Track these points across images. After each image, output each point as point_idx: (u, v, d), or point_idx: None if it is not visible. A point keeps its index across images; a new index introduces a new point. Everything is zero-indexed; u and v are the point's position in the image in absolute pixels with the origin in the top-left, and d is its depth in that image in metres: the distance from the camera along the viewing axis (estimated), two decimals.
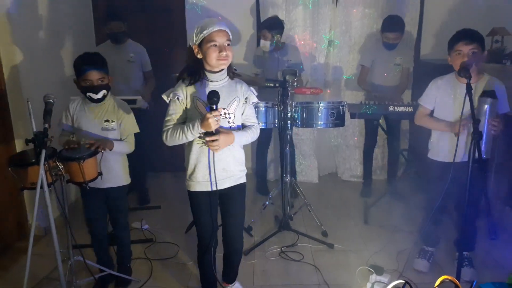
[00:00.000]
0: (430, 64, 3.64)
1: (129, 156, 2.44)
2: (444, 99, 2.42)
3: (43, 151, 1.81)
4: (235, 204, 2.10)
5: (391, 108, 3.09)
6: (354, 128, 4.22)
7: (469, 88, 2.02)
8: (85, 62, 2.20)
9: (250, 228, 3.15)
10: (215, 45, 1.85)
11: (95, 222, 2.42)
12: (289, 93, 2.83)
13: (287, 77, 2.83)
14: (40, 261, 2.64)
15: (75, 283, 2.22)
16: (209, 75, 1.95)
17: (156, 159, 4.14)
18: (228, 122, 1.96)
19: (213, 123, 1.80)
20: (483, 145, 2.11)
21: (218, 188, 1.98)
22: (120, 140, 2.34)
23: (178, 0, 4.04)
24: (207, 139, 1.84)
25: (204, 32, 1.85)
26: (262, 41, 3.47)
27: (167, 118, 1.99)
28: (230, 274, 2.33)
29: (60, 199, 2.08)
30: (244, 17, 4.07)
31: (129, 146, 2.37)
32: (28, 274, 1.84)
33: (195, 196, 2.07)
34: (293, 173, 3.77)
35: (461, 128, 2.18)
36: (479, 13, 3.77)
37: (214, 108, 1.81)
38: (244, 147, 2.10)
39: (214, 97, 1.80)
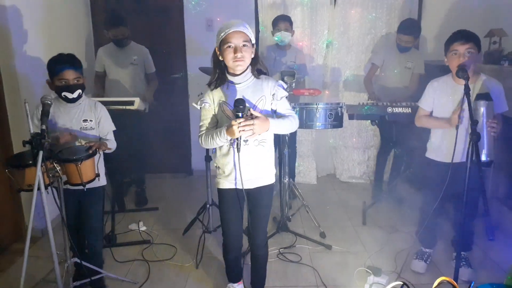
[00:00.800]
0: (429, 66, 3.64)
1: (128, 157, 2.43)
2: (442, 101, 2.43)
3: (40, 153, 1.80)
4: (261, 204, 2.11)
5: (389, 109, 3.09)
6: (353, 129, 4.23)
7: (467, 90, 2.03)
8: (61, 62, 2.18)
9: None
10: (230, 46, 1.86)
11: (76, 220, 2.34)
12: (288, 94, 2.82)
13: (285, 78, 2.84)
14: (37, 263, 2.63)
15: (72, 285, 2.21)
16: (232, 78, 1.95)
17: (154, 161, 4.13)
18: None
19: (237, 131, 1.80)
20: (485, 148, 2.12)
21: (245, 188, 1.98)
22: (105, 139, 2.34)
23: (176, 0, 4.04)
24: (242, 124, 1.80)
25: (222, 34, 1.87)
26: (280, 33, 3.41)
27: (200, 123, 2.03)
28: (257, 280, 2.33)
29: (57, 200, 2.07)
30: (242, 19, 4.04)
31: (113, 144, 2.38)
32: (25, 276, 1.83)
33: (221, 194, 2.09)
34: (292, 175, 3.77)
35: (459, 120, 2.18)
36: (476, 15, 3.78)
37: (240, 116, 1.81)
38: None
39: (240, 105, 1.81)
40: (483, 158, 2.11)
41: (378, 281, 2.43)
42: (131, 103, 2.87)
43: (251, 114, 1.87)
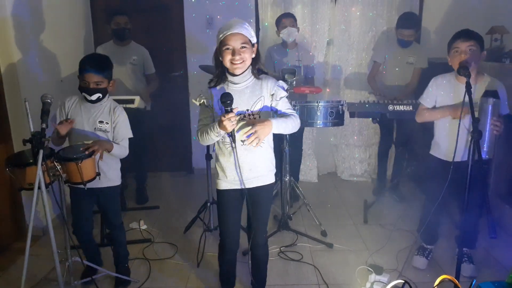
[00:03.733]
0: (429, 63, 3.63)
1: (129, 156, 2.43)
2: (444, 98, 2.42)
3: (41, 151, 1.80)
4: (260, 204, 2.09)
5: (390, 107, 3.08)
6: (354, 127, 4.22)
7: (468, 87, 2.02)
8: (86, 63, 2.21)
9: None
10: (228, 49, 1.85)
11: (82, 222, 2.38)
12: (288, 92, 2.81)
13: (286, 76, 2.82)
14: (38, 261, 2.63)
15: (73, 284, 2.21)
16: (231, 78, 1.94)
17: (155, 159, 4.13)
18: None
19: (227, 124, 1.79)
20: (486, 145, 2.11)
21: (245, 187, 2.00)
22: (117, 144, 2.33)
23: None
24: (244, 138, 1.82)
25: (220, 36, 1.86)
26: (286, 30, 3.37)
27: (199, 120, 2.04)
28: (258, 282, 2.32)
29: (58, 199, 2.07)
30: (243, 17, 4.05)
31: (124, 150, 2.36)
32: (26, 275, 1.83)
33: (221, 195, 2.08)
34: (296, 177, 3.74)
35: (463, 113, 2.16)
36: (478, 12, 3.77)
37: (229, 110, 1.80)
38: None
39: (226, 99, 1.80)
40: (482, 155, 2.10)
41: (379, 280, 2.43)
42: (132, 101, 2.86)
43: (252, 115, 1.87)
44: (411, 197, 3.63)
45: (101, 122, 2.29)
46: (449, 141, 2.42)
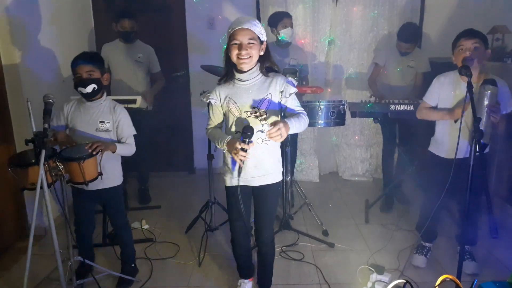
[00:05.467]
0: (431, 63, 3.62)
1: (130, 155, 2.43)
2: (447, 97, 2.42)
3: (43, 151, 1.80)
4: (266, 202, 2.11)
5: (392, 107, 3.09)
6: (355, 127, 4.22)
7: (470, 87, 2.02)
8: (76, 58, 2.23)
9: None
10: (235, 44, 1.87)
11: (84, 221, 2.40)
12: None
13: (287, 76, 2.82)
14: (40, 261, 2.64)
15: (75, 283, 2.22)
16: (238, 75, 1.96)
17: (156, 159, 4.14)
18: (260, 120, 1.95)
19: (239, 155, 1.83)
20: (483, 129, 2.09)
21: (251, 185, 2.04)
22: (119, 142, 2.33)
23: None
24: (270, 131, 1.81)
25: (229, 30, 1.88)
26: (284, 30, 3.34)
27: (208, 117, 2.09)
28: (264, 280, 2.35)
29: (60, 199, 2.07)
30: (243, 16, 4.06)
31: (131, 148, 2.37)
32: (28, 274, 1.83)
33: (227, 191, 2.12)
34: (291, 174, 3.74)
35: (463, 110, 2.16)
36: (480, 11, 3.76)
37: (246, 141, 1.83)
38: None
39: (248, 131, 1.83)
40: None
41: (380, 279, 2.43)
42: (133, 101, 2.87)
43: (259, 113, 1.92)
44: (413, 197, 3.62)
45: (102, 122, 2.29)
46: (449, 139, 2.43)
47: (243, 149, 1.83)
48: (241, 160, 1.86)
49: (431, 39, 4.05)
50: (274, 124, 1.82)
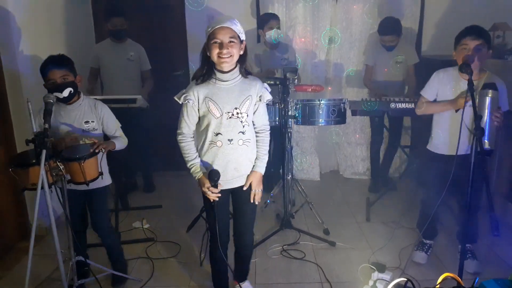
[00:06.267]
0: (431, 60, 3.62)
1: (132, 155, 2.43)
2: (446, 93, 2.42)
3: (44, 152, 1.80)
4: (245, 202, 2.09)
5: (392, 105, 3.08)
6: (356, 125, 4.21)
7: (470, 84, 2.01)
8: (46, 63, 2.17)
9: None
10: (216, 42, 1.83)
11: (76, 220, 2.35)
12: (290, 91, 2.82)
13: (288, 75, 2.82)
14: (41, 261, 2.64)
15: (77, 283, 2.22)
16: (219, 75, 1.92)
17: (156, 158, 4.13)
18: (241, 122, 1.94)
19: (210, 195, 1.94)
20: (487, 137, 2.10)
21: (230, 187, 2.04)
22: (113, 137, 2.34)
23: None
24: (210, 192, 1.94)
25: (209, 29, 1.85)
26: (270, 32, 3.37)
27: (180, 119, 1.97)
28: (241, 272, 2.34)
29: (61, 199, 2.07)
30: (244, 15, 4.06)
31: (124, 139, 2.37)
32: (30, 274, 1.84)
33: (204, 197, 2.07)
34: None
35: (466, 101, 2.16)
36: (480, 9, 3.74)
37: (214, 185, 1.91)
38: None
39: (214, 176, 1.89)
40: (485, 146, 2.09)
41: (382, 277, 2.43)
42: (133, 101, 2.87)
43: (240, 114, 1.94)
44: (414, 195, 3.62)
45: (87, 122, 2.27)
46: (448, 136, 2.42)
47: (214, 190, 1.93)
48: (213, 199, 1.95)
49: (431, 36, 4.04)
50: (251, 188, 2.04)
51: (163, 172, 4.33)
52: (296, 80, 2.87)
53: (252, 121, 2.02)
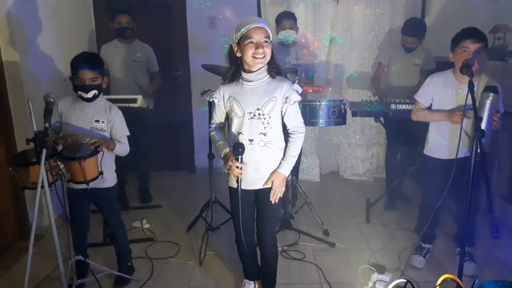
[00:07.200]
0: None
1: (131, 155, 2.43)
2: (442, 97, 2.41)
3: (44, 151, 1.81)
4: (265, 205, 2.09)
5: (393, 106, 3.08)
6: (356, 126, 4.21)
7: (471, 86, 2.01)
8: (79, 61, 2.20)
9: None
10: (252, 42, 1.84)
11: (79, 221, 2.36)
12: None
13: (288, 76, 2.82)
14: (41, 260, 2.64)
15: (76, 283, 2.22)
16: (245, 75, 1.93)
17: (157, 159, 4.14)
18: (263, 123, 1.94)
19: (234, 171, 1.90)
20: (483, 140, 2.10)
21: (253, 188, 2.04)
22: (118, 142, 2.33)
23: None
24: (234, 166, 1.90)
25: (242, 29, 1.84)
26: (286, 32, 3.32)
27: (212, 116, 2.10)
28: (267, 280, 2.33)
29: (61, 198, 2.07)
30: (244, 15, 4.05)
31: (126, 147, 2.37)
32: (29, 274, 1.84)
33: (230, 192, 2.12)
34: (296, 174, 3.73)
35: (463, 117, 2.16)
36: (481, 10, 3.75)
37: (239, 159, 1.89)
38: None
39: (239, 148, 1.87)
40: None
41: (381, 279, 2.43)
42: (134, 100, 2.87)
43: (262, 115, 1.94)
44: (414, 196, 3.62)
45: (97, 121, 2.28)
46: (448, 140, 2.41)
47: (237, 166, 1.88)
48: (237, 175, 1.91)
49: (432, 38, 4.03)
50: (272, 187, 2.00)
51: (164, 172, 4.33)
52: (296, 81, 2.87)
53: (285, 123, 2.03)
